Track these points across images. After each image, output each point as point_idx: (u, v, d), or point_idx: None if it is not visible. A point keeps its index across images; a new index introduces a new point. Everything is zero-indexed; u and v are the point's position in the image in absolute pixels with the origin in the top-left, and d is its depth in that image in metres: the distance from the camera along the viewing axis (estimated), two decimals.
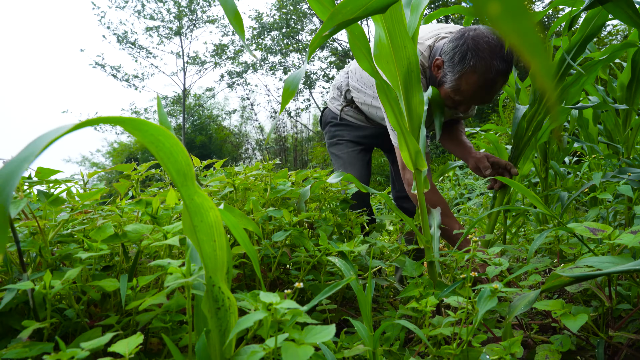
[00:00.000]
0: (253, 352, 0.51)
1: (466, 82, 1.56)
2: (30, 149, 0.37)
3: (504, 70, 1.54)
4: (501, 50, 1.51)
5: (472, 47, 1.52)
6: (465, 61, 1.53)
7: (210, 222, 0.51)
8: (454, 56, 1.55)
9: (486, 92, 1.58)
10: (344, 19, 0.80)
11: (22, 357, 0.62)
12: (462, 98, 1.62)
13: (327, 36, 0.81)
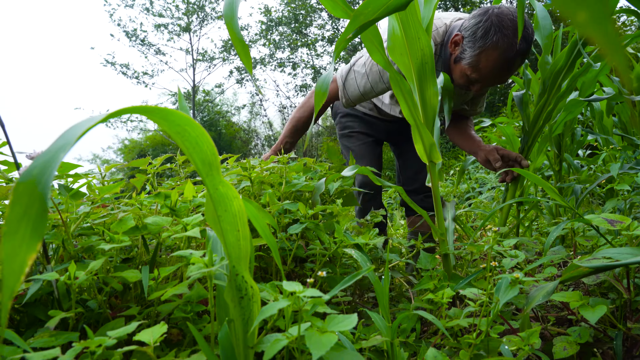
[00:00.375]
0: (276, 340, 0.52)
1: (486, 58, 1.54)
2: (65, 138, 0.38)
3: (525, 50, 1.52)
4: (524, 30, 1.49)
5: (496, 23, 1.49)
6: (488, 37, 1.51)
7: (234, 212, 0.52)
8: (477, 31, 1.53)
9: (504, 71, 1.56)
10: (366, 19, 0.81)
11: (49, 345, 0.63)
12: (478, 76, 1.59)
13: (351, 38, 0.82)
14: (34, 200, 0.37)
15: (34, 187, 0.37)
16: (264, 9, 16.95)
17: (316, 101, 0.97)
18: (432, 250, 2.16)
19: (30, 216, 0.37)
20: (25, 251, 0.37)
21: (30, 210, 0.37)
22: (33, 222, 0.37)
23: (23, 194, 0.37)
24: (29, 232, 0.37)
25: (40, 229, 0.37)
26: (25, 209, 0.37)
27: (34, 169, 0.37)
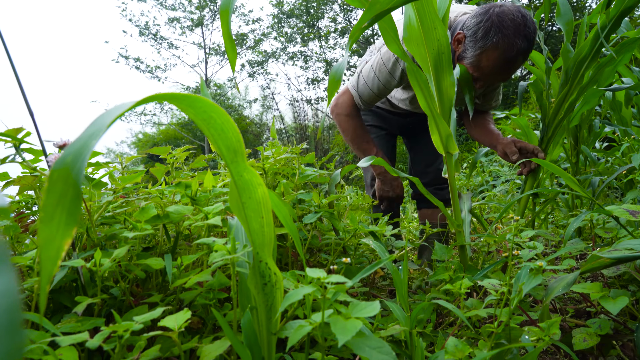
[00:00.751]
0: (300, 326, 0.52)
1: (487, 59, 1.54)
2: (96, 125, 0.38)
3: (526, 49, 1.52)
4: (525, 29, 1.49)
5: (496, 23, 1.49)
6: (488, 37, 1.51)
7: (258, 199, 0.52)
8: (477, 31, 1.53)
9: (505, 70, 1.57)
10: (382, 8, 0.80)
11: (76, 330, 0.64)
12: (480, 74, 1.60)
13: (366, 27, 0.82)
14: (69, 186, 0.38)
15: (68, 173, 0.38)
16: (276, 2, 16.90)
17: (329, 88, 0.97)
18: (446, 242, 2.17)
19: (65, 202, 0.38)
20: (61, 237, 0.38)
21: (65, 197, 0.38)
22: (68, 208, 0.38)
23: (58, 181, 0.38)
24: (64, 218, 0.38)
25: (75, 214, 0.38)
26: (60, 196, 0.38)
27: (67, 157, 0.38)
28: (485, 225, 2.66)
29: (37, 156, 1.00)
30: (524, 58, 1.56)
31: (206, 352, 0.60)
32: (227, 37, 0.79)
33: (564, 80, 1.68)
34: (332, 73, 0.84)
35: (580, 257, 2.02)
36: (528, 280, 0.70)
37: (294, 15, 17.05)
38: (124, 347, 0.58)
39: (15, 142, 0.94)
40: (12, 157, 0.96)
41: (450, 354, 0.66)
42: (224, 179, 1.05)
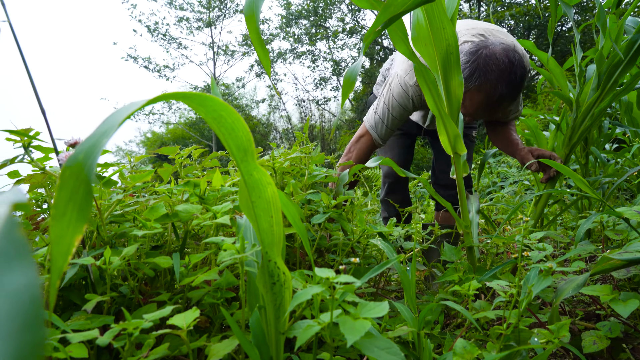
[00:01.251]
0: (308, 326, 0.52)
1: (470, 99, 1.58)
2: (108, 123, 0.38)
3: (508, 96, 1.56)
4: (509, 76, 1.52)
5: (481, 66, 1.52)
6: (471, 79, 1.54)
7: (268, 198, 0.52)
8: (464, 71, 1.55)
9: (489, 112, 1.61)
10: (396, 11, 0.80)
11: (85, 328, 0.65)
12: (464, 111, 1.64)
13: (380, 30, 0.81)
14: (80, 183, 0.38)
15: (80, 171, 0.38)
16: (285, 2, 16.92)
17: (344, 90, 0.97)
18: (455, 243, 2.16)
19: (77, 199, 0.38)
20: (72, 233, 0.38)
21: (76, 194, 0.38)
22: (79, 204, 0.38)
23: (70, 178, 0.38)
24: (76, 214, 0.38)
25: (86, 211, 0.38)
26: (71, 193, 0.38)
27: (79, 154, 0.38)
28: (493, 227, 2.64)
29: (47, 154, 1.01)
30: (510, 102, 1.60)
31: (214, 350, 0.60)
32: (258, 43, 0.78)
33: (595, 85, 1.63)
34: (346, 75, 0.84)
35: (590, 259, 2.00)
36: (538, 281, 0.70)
37: (302, 15, 17.07)
38: (133, 345, 0.58)
39: (24, 142, 0.95)
40: (22, 157, 0.97)
41: (459, 355, 0.65)
42: (232, 178, 1.05)
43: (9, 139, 0.88)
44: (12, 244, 0.24)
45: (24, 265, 0.23)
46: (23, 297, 0.21)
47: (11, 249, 0.23)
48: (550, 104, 10.18)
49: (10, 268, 0.22)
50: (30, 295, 0.21)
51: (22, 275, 0.22)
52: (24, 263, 0.23)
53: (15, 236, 0.24)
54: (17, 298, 0.21)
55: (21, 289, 0.21)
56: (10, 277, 0.22)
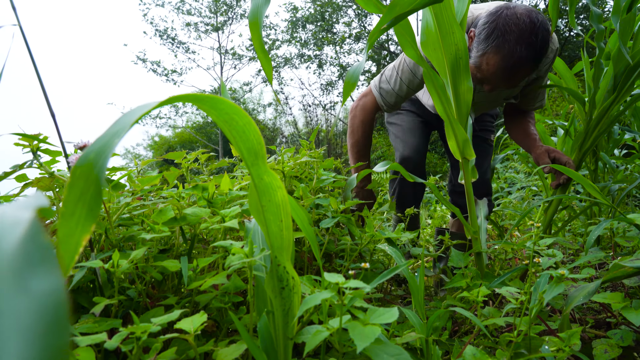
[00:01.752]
0: (317, 331, 0.52)
1: (487, 62, 1.47)
2: (119, 124, 0.38)
3: (529, 58, 1.42)
4: (530, 37, 1.40)
5: (500, 26, 1.41)
6: (489, 40, 1.43)
7: (278, 202, 0.52)
8: (482, 32, 1.46)
9: (508, 77, 1.48)
10: (402, 10, 0.79)
11: (93, 331, 0.65)
12: (482, 76, 1.53)
13: (386, 29, 0.81)
14: (90, 183, 0.38)
15: (90, 170, 0.38)
16: (292, 8, 17.00)
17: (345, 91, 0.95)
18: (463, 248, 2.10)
19: (86, 199, 0.38)
20: (80, 232, 0.38)
21: (86, 193, 0.38)
22: (88, 204, 0.38)
23: (80, 178, 0.38)
24: (85, 213, 0.38)
25: (95, 211, 0.38)
26: (81, 192, 0.38)
27: (90, 154, 0.38)
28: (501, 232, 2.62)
29: (54, 157, 1.02)
30: (531, 67, 1.47)
31: (222, 355, 0.60)
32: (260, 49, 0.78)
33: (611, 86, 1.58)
34: (348, 76, 0.84)
35: (599, 266, 1.98)
36: (549, 288, 0.69)
37: (309, 21, 17.14)
38: (140, 349, 0.58)
39: (33, 146, 0.96)
40: (30, 162, 0.98)
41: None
42: (240, 182, 1.05)
43: (18, 144, 0.89)
44: (38, 248, 0.24)
45: (49, 270, 0.23)
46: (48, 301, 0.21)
47: (36, 254, 0.24)
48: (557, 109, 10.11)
49: (35, 272, 0.22)
50: (55, 299, 0.22)
51: (47, 280, 0.22)
52: (49, 267, 0.23)
53: (41, 240, 0.25)
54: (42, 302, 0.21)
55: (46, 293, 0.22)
56: (35, 281, 0.22)
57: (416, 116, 2.16)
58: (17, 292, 0.22)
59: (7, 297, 0.22)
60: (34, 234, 0.26)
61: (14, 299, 0.22)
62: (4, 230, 0.26)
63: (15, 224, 0.27)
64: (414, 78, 1.73)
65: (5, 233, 0.26)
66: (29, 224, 0.27)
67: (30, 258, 0.24)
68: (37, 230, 0.27)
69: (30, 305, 0.21)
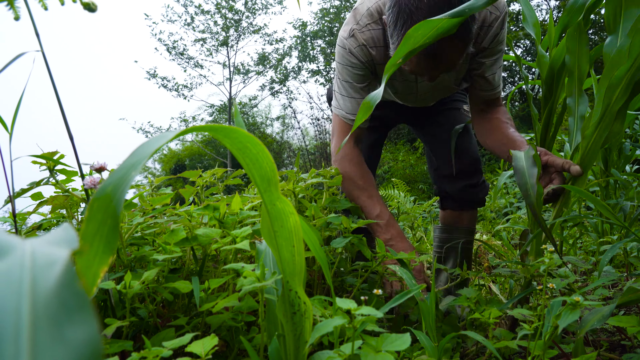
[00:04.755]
0: (329, 358, 0.52)
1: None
2: (136, 156, 0.39)
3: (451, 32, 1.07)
4: (444, 8, 1.06)
5: (404, 7, 1.14)
6: (397, 27, 1.17)
7: (290, 228, 0.52)
8: (389, 19, 1.20)
9: (435, 64, 1.19)
10: (416, 44, 0.80)
11: (105, 354, 0.65)
12: (409, 68, 1.26)
13: (401, 63, 0.82)
14: (108, 216, 0.39)
15: (108, 203, 0.38)
16: (300, 24, 17.22)
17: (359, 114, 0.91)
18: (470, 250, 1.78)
19: (104, 232, 0.39)
20: (98, 264, 0.38)
21: (104, 226, 0.39)
22: (106, 237, 0.39)
23: (98, 211, 0.38)
24: (102, 246, 0.39)
25: (112, 243, 0.39)
26: (99, 225, 0.39)
27: (107, 186, 0.39)
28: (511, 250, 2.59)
29: (70, 177, 1.04)
30: (458, 43, 1.17)
31: None
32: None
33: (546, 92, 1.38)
34: (367, 98, 0.84)
35: (612, 285, 1.95)
36: (564, 315, 0.68)
37: (318, 36, 17.32)
38: None
39: (50, 164, 0.98)
40: (47, 179, 1.00)
41: None
42: (252, 200, 1.06)
43: (35, 162, 0.91)
44: (73, 295, 0.24)
45: (85, 318, 0.23)
46: (85, 352, 0.21)
47: (72, 301, 0.24)
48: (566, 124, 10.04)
49: (71, 320, 0.23)
50: (92, 349, 0.22)
51: (83, 328, 0.22)
52: (85, 316, 0.23)
53: (76, 287, 0.25)
54: (79, 352, 0.21)
55: (83, 343, 0.22)
56: (72, 329, 0.22)
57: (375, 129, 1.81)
58: (54, 341, 0.22)
59: (44, 346, 0.22)
60: (69, 280, 0.26)
61: (52, 348, 0.22)
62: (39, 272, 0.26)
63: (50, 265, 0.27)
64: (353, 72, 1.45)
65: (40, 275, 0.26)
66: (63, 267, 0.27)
67: (66, 305, 0.24)
68: (72, 276, 0.27)
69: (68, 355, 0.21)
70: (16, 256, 0.27)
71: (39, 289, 0.24)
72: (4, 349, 0.21)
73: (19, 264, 0.26)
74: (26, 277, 0.25)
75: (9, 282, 0.24)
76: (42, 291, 0.24)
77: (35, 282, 0.25)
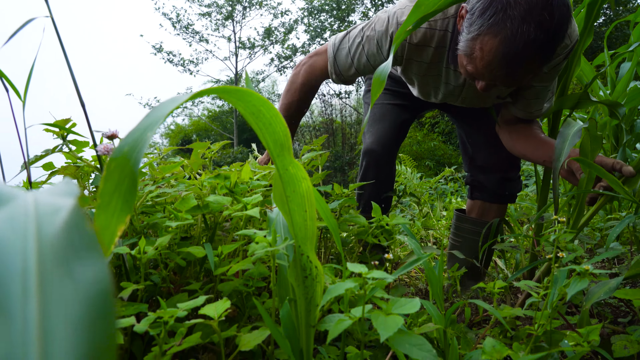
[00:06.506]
0: (340, 320, 0.53)
1: (481, 47, 1.08)
2: (151, 117, 0.39)
3: (539, 43, 1.03)
4: (542, 14, 1.01)
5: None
6: (484, 17, 1.06)
7: (302, 193, 0.53)
8: (476, 6, 1.08)
9: (508, 70, 1.09)
10: (427, 11, 0.79)
11: (121, 315, 0.67)
12: (474, 69, 1.14)
13: (411, 30, 0.80)
14: (125, 176, 0.39)
15: (125, 163, 0.39)
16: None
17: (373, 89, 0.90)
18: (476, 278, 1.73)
19: (121, 191, 0.39)
20: (116, 223, 0.39)
21: (121, 185, 0.39)
22: (124, 196, 0.39)
23: (115, 170, 0.39)
24: (120, 205, 0.39)
25: (130, 202, 0.39)
26: (116, 184, 0.39)
27: (124, 147, 0.39)
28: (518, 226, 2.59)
29: (81, 147, 1.04)
30: (540, 58, 1.08)
31: (245, 340, 0.62)
32: None
33: None
34: (376, 74, 0.83)
35: (618, 261, 1.96)
36: (573, 283, 0.69)
37: (325, 10, 17.02)
38: (166, 333, 0.60)
39: (61, 133, 0.98)
40: (60, 147, 1.01)
41: (488, 354, 0.65)
42: (260, 171, 1.07)
43: (48, 130, 0.91)
44: (81, 236, 0.24)
45: (94, 257, 0.23)
46: (95, 289, 0.21)
47: (80, 241, 0.24)
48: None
49: (80, 260, 0.22)
50: (102, 287, 0.21)
51: (92, 267, 0.22)
52: (94, 255, 0.23)
53: (84, 228, 0.25)
54: (89, 290, 0.21)
55: (92, 280, 0.22)
56: (81, 269, 0.22)
57: (394, 97, 1.73)
58: (63, 278, 0.22)
59: (52, 284, 0.21)
60: (77, 221, 0.27)
61: (60, 285, 0.21)
62: (44, 217, 0.26)
63: (55, 211, 0.27)
64: (377, 54, 1.36)
65: (45, 220, 0.26)
66: (70, 211, 0.27)
67: (74, 245, 0.24)
68: (80, 218, 0.27)
69: (77, 293, 0.21)
70: (19, 204, 0.27)
71: (45, 232, 0.24)
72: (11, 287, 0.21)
73: (22, 211, 0.26)
74: (31, 222, 0.25)
75: (13, 226, 0.24)
76: (48, 234, 0.24)
77: (41, 226, 0.25)
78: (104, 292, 0.21)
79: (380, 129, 1.67)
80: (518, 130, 1.48)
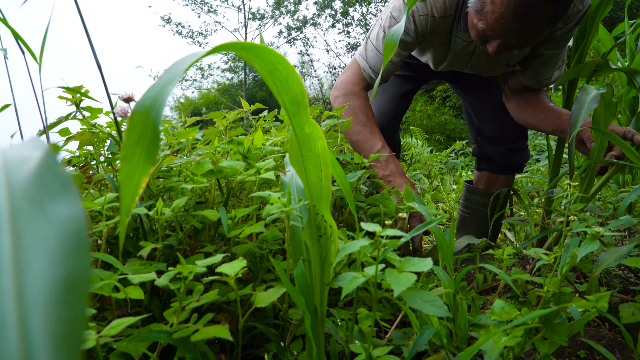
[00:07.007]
0: (354, 277, 0.54)
1: (492, 0, 1.05)
2: (171, 72, 0.40)
3: None
4: None
5: None
6: None
7: (318, 152, 0.53)
8: None
9: (521, 22, 1.04)
10: None
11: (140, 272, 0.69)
12: (485, 25, 1.10)
13: None
14: (147, 128, 0.40)
15: (147, 116, 0.40)
16: None
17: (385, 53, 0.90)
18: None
19: (144, 143, 0.40)
20: (139, 174, 0.40)
21: (144, 138, 0.40)
22: (147, 148, 0.40)
23: (137, 123, 0.40)
24: (143, 157, 0.40)
25: (153, 154, 0.40)
26: (139, 137, 0.40)
27: (146, 101, 0.40)
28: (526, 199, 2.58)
29: (95, 114, 1.05)
30: (552, 13, 1.04)
31: (260, 298, 0.63)
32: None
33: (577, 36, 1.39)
34: (387, 37, 0.82)
35: (628, 234, 1.96)
36: (584, 245, 0.69)
37: None
38: (185, 289, 0.62)
39: (76, 99, 0.99)
40: (74, 113, 1.02)
41: (497, 315, 0.66)
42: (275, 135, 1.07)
43: (62, 97, 0.92)
44: (56, 177, 0.24)
45: (68, 197, 0.23)
46: (69, 227, 0.21)
47: (55, 182, 0.24)
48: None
49: (54, 200, 0.23)
50: (75, 225, 0.22)
51: (66, 207, 0.22)
52: (69, 195, 0.23)
53: (57, 169, 0.25)
54: (63, 227, 0.21)
55: (66, 219, 0.22)
56: (55, 207, 0.22)
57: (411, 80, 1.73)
58: (37, 216, 0.22)
59: (26, 221, 0.21)
60: (50, 165, 0.26)
61: (34, 222, 0.21)
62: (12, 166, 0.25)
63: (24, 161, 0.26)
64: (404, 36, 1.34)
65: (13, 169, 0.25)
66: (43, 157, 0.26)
67: (47, 187, 0.24)
68: (52, 161, 0.26)
69: (51, 228, 0.21)
70: None
71: (14, 177, 0.24)
72: None
73: None
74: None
75: None
76: (18, 178, 0.24)
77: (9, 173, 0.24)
78: (77, 229, 0.21)
79: (382, 102, 1.67)
80: (526, 100, 1.47)
